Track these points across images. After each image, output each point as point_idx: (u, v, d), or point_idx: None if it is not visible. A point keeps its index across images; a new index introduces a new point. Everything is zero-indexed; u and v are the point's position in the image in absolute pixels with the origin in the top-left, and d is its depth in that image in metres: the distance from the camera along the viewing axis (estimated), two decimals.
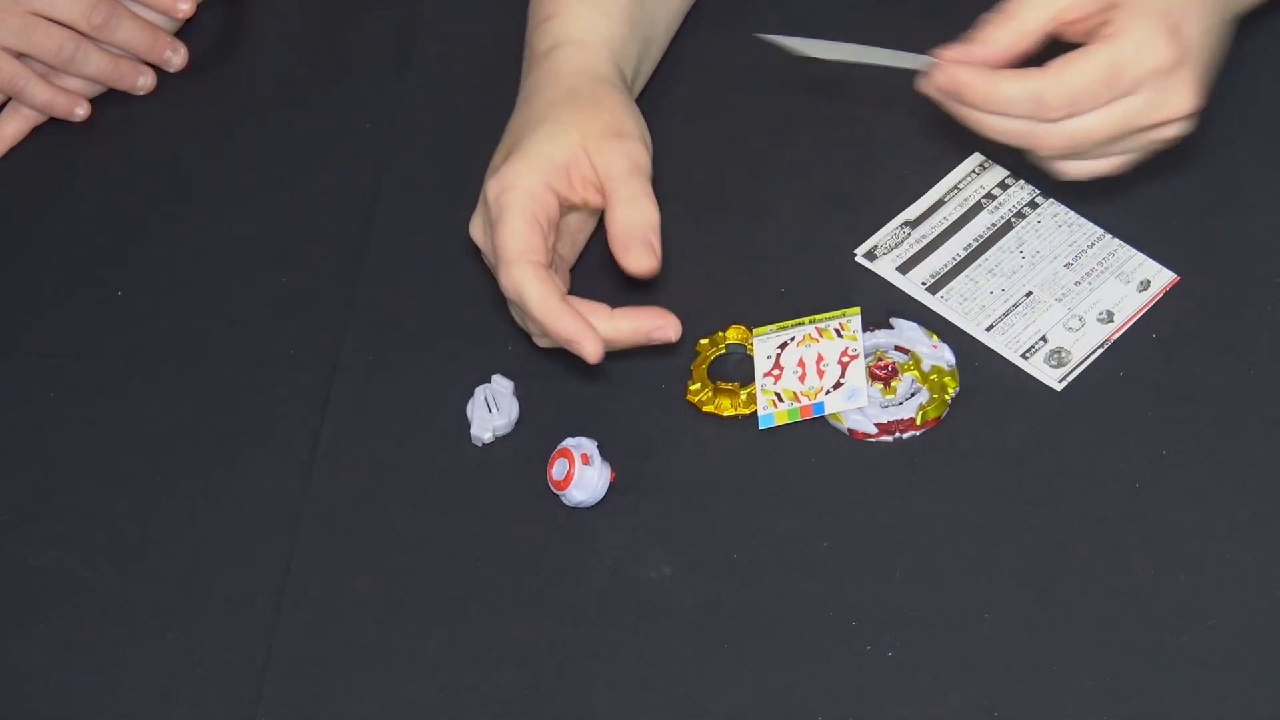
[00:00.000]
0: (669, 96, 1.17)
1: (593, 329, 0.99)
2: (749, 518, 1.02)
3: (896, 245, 1.10)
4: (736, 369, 1.07)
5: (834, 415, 1.04)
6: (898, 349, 1.06)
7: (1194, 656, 0.96)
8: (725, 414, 1.04)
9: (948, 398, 1.03)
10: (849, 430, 1.03)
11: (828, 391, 1.04)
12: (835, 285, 1.09)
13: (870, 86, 1.17)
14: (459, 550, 1.03)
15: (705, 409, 1.05)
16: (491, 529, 1.03)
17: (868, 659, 0.97)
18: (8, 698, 1.00)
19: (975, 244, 1.10)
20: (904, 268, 1.09)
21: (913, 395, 1.04)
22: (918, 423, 1.03)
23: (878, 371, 1.05)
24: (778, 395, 1.05)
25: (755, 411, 1.04)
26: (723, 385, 1.05)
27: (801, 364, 1.06)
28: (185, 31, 1.24)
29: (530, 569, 1.02)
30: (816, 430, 1.05)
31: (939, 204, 1.11)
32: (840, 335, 1.05)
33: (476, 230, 1.04)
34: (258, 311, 1.12)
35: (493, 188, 1.01)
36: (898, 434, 1.03)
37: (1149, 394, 1.04)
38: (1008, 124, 0.96)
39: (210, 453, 1.07)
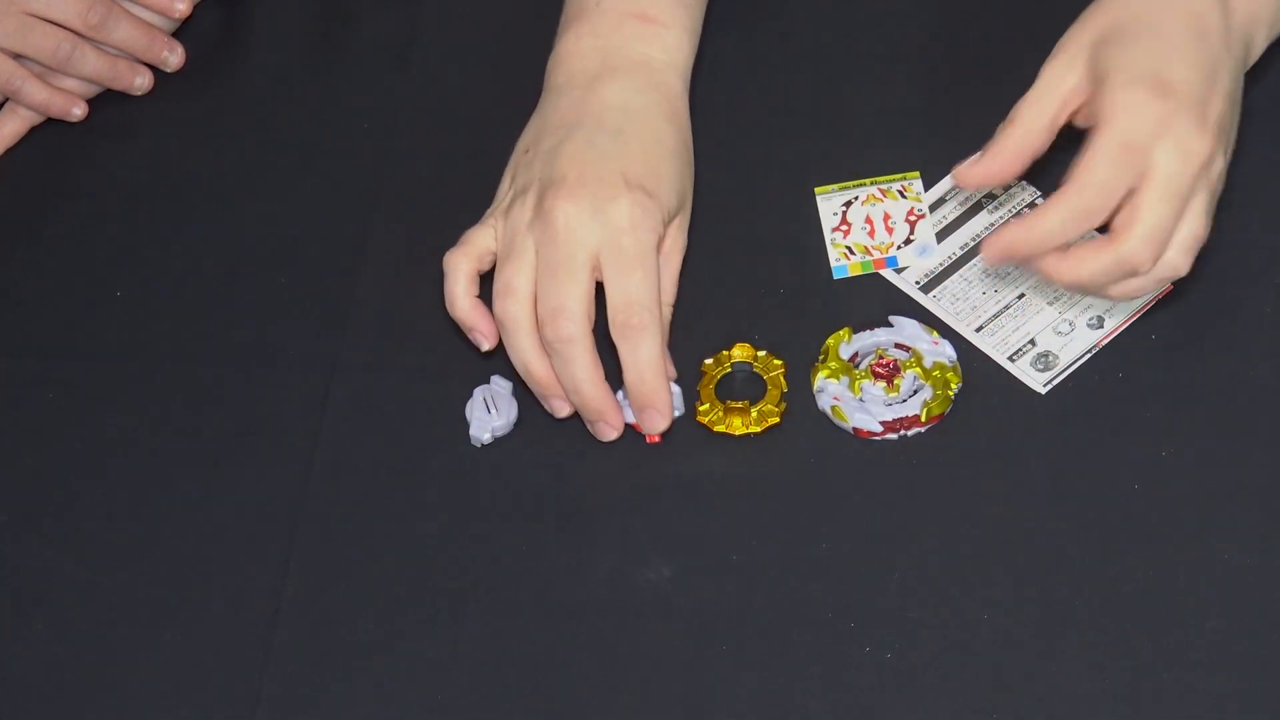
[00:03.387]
0: None
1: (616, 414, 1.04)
2: (748, 519, 1.02)
3: None
4: (744, 387, 1.07)
5: (838, 414, 1.04)
6: (898, 346, 1.06)
7: (1193, 657, 0.96)
8: (737, 433, 1.04)
9: (951, 393, 1.04)
10: (854, 429, 1.03)
11: (899, 247, 1.05)
12: (835, 286, 1.09)
13: (869, 87, 1.17)
14: (458, 551, 1.03)
15: (716, 429, 1.04)
16: (490, 530, 1.03)
17: (867, 660, 0.97)
18: (6, 698, 1.00)
19: (972, 244, 1.10)
20: (900, 266, 1.09)
21: (916, 392, 1.04)
22: (922, 419, 1.03)
23: (879, 369, 1.05)
24: (849, 249, 1.05)
25: (769, 428, 1.04)
26: (733, 404, 1.05)
27: (869, 220, 1.08)
28: (182, 31, 1.24)
29: (529, 570, 1.02)
30: (815, 431, 1.05)
31: (939, 202, 1.11)
32: (904, 196, 1.06)
33: (522, 216, 1.02)
34: (256, 312, 1.12)
35: (625, 214, 1.01)
36: (902, 431, 1.03)
37: (1148, 395, 1.04)
38: (1083, 270, 0.97)
39: (209, 453, 1.07)
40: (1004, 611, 0.98)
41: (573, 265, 1.01)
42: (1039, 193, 1.11)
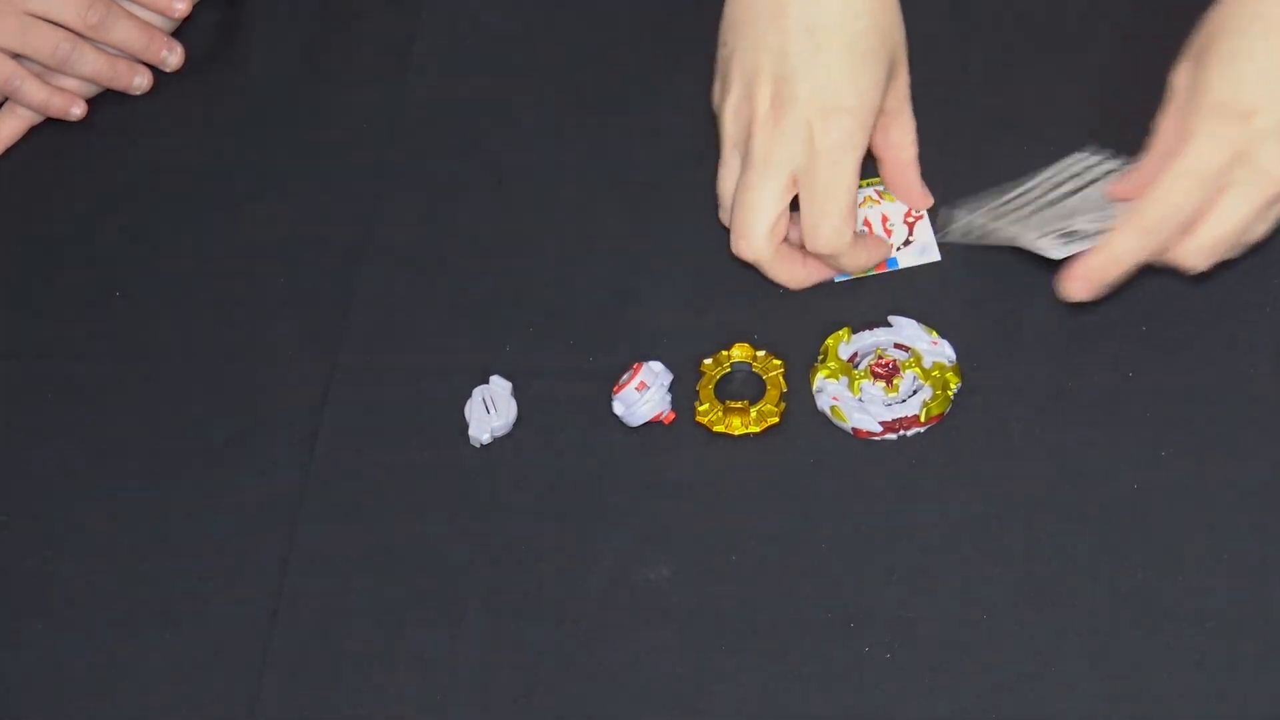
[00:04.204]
0: (662, 98, 1.16)
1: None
2: (747, 519, 1.02)
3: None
4: (743, 387, 1.07)
5: (838, 414, 1.04)
6: (897, 346, 1.06)
7: (1193, 657, 0.96)
8: (736, 433, 1.04)
9: (950, 393, 1.03)
10: (853, 429, 1.03)
11: (899, 248, 1.06)
12: (834, 286, 1.09)
13: None
14: (457, 551, 1.03)
15: (716, 429, 1.04)
16: (489, 530, 1.03)
17: (866, 660, 0.97)
18: (6, 697, 1.00)
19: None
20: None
21: (915, 392, 1.04)
22: (922, 419, 1.03)
23: (879, 370, 1.05)
24: None
25: (768, 428, 1.04)
26: (732, 404, 1.05)
27: (868, 223, 1.09)
28: (182, 31, 1.24)
29: (528, 570, 1.02)
30: (815, 431, 1.04)
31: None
32: None
33: (733, 128, 1.06)
34: (256, 312, 1.12)
35: (826, 141, 1.03)
36: (902, 431, 1.03)
37: (1148, 394, 1.04)
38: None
39: (208, 453, 1.07)
40: (1003, 611, 0.98)
41: (769, 185, 1.04)
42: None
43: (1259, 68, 0.98)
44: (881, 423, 1.03)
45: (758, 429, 1.04)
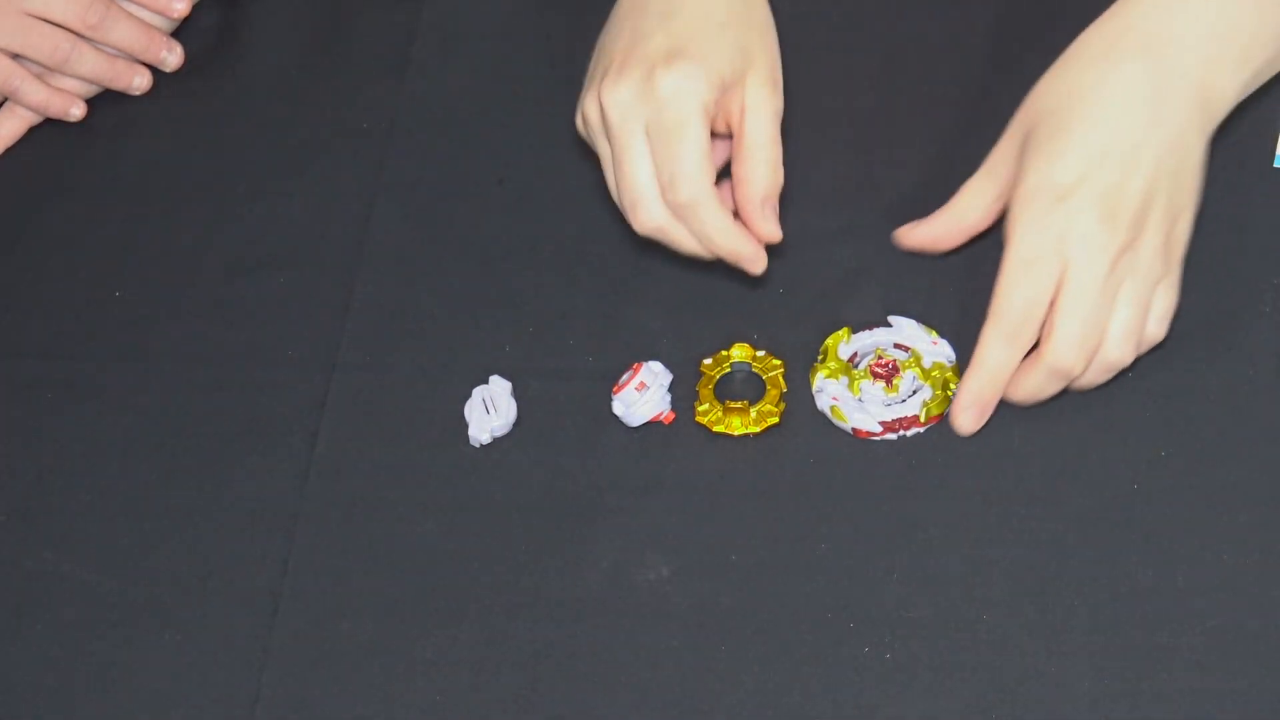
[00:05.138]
0: None
1: (760, 247, 1.01)
2: (747, 519, 1.02)
3: None
4: (743, 387, 1.07)
5: (837, 414, 1.04)
6: (897, 346, 1.06)
7: (1193, 658, 0.96)
8: (736, 434, 1.04)
9: (950, 393, 1.03)
10: (853, 429, 1.03)
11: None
12: (835, 286, 1.09)
13: (871, 83, 1.17)
14: (456, 551, 1.03)
15: (715, 429, 1.04)
16: (489, 530, 1.03)
17: (866, 660, 0.97)
18: (5, 698, 1.00)
19: None
20: None
21: (915, 392, 1.04)
22: (922, 420, 1.03)
23: (879, 370, 1.05)
24: None
25: (768, 429, 1.04)
26: (731, 404, 1.05)
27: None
28: (181, 31, 1.24)
29: (527, 570, 1.02)
30: (814, 431, 1.04)
31: None
32: None
33: (618, 101, 1.00)
34: (255, 312, 1.12)
35: (666, 85, 0.99)
36: (902, 431, 1.03)
37: (1148, 394, 1.04)
38: (1022, 387, 1.02)
39: (208, 453, 1.07)
40: (1003, 612, 0.98)
41: (632, 151, 1.01)
42: None
43: (1074, 143, 0.98)
44: (881, 423, 1.03)
45: (757, 429, 1.04)
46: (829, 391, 1.05)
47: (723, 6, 1.03)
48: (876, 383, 1.05)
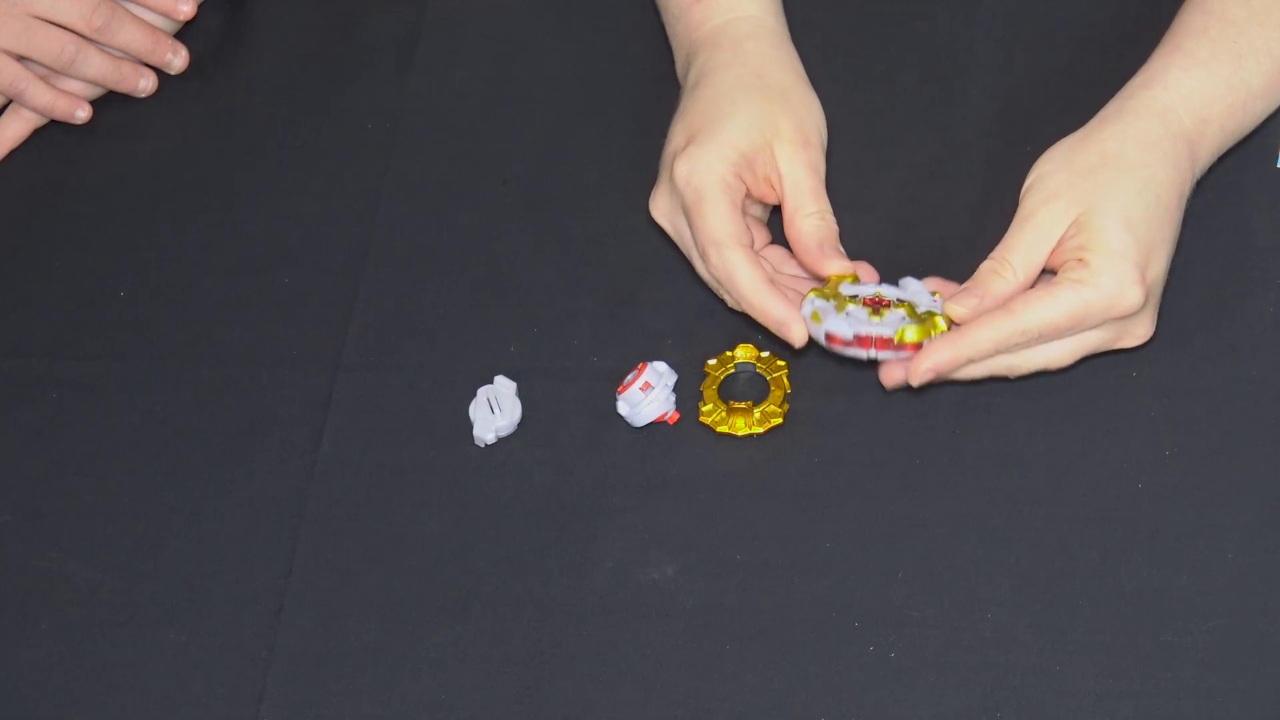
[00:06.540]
0: (665, 97, 1.17)
1: (798, 314, 1.01)
2: (751, 519, 1.02)
3: None
4: (748, 387, 1.07)
5: (816, 319, 1.01)
6: (898, 301, 1.03)
7: (1195, 657, 0.96)
8: (740, 434, 1.04)
9: (934, 331, 1.00)
10: (825, 334, 1.01)
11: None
12: None
13: (864, 87, 1.17)
14: (461, 551, 1.03)
15: (719, 429, 1.04)
16: (493, 530, 1.03)
17: (870, 660, 0.97)
18: (10, 698, 1.00)
19: None
20: None
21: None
22: (895, 342, 1.00)
23: (870, 302, 1.02)
24: None
25: (772, 429, 1.04)
26: (736, 405, 1.05)
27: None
28: (186, 33, 1.24)
29: (532, 569, 1.02)
30: (818, 431, 1.05)
31: None
32: None
33: (661, 210, 1.05)
34: (260, 312, 1.12)
35: (681, 171, 1.03)
36: (873, 350, 1.00)
37: (1152, 394, 1.04)
38: (977, 370, 1.01)
39: (212, 453, 1.07)
40: (1007, 611, 0.98)
41: (682, 242, 1.05)
42: None
43: (1151, 213, 1.00)
44: (856, 335, 1.00)
45: (761, 429, 1.04)
46: (814, 304, 1.01)
47: (731, 86, 1.05)
48: (864, 308, 1.02)
